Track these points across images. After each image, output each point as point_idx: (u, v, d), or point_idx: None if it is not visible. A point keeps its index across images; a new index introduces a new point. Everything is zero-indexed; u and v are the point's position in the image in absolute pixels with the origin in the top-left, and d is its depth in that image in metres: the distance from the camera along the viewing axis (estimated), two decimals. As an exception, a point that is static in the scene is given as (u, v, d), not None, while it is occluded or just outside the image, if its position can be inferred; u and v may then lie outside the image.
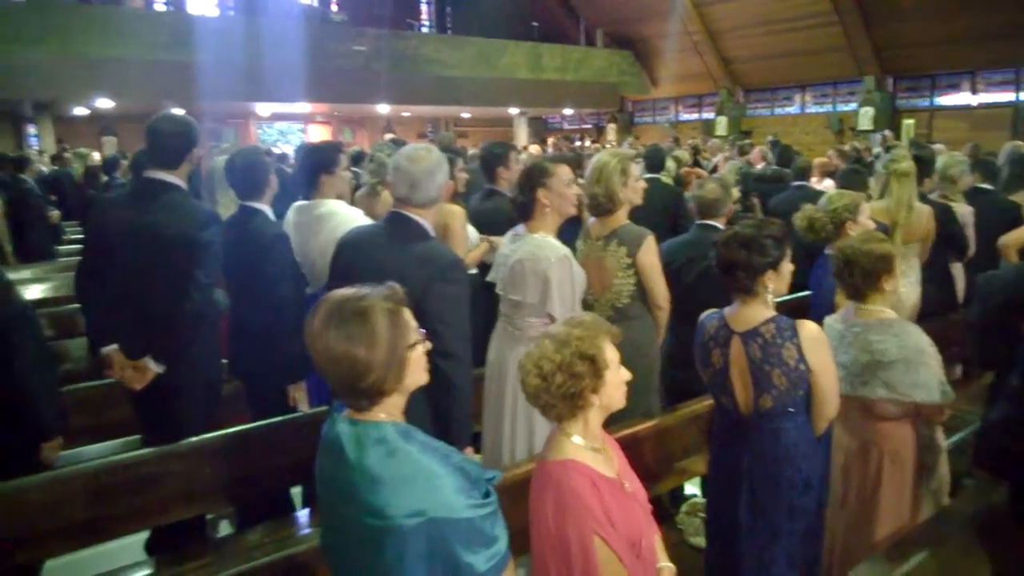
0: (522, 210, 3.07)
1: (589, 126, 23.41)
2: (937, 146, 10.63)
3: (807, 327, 2.44)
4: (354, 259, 2.67)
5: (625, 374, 1.96)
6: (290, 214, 3.93)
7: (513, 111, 20.08)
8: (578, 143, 19.27)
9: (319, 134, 20.79)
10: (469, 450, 2.65)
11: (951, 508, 2.81)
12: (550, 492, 1.87)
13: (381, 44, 16.79)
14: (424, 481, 1.53)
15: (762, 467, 2.53)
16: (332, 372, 1.59)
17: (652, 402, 3.57)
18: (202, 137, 3.30)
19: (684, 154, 11.61)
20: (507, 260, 3.12)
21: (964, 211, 4.99)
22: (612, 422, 3.54)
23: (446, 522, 1.50)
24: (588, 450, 1.93)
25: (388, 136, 12.41)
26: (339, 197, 3.88)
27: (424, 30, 22.03)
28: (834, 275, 2.88)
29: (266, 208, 3.46)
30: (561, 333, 1.90)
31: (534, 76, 19.14)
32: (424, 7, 22.96)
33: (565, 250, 3.01)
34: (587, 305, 3.37)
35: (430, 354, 1.72)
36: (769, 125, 18.60)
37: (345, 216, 3.64)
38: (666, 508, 3.58)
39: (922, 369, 2.70)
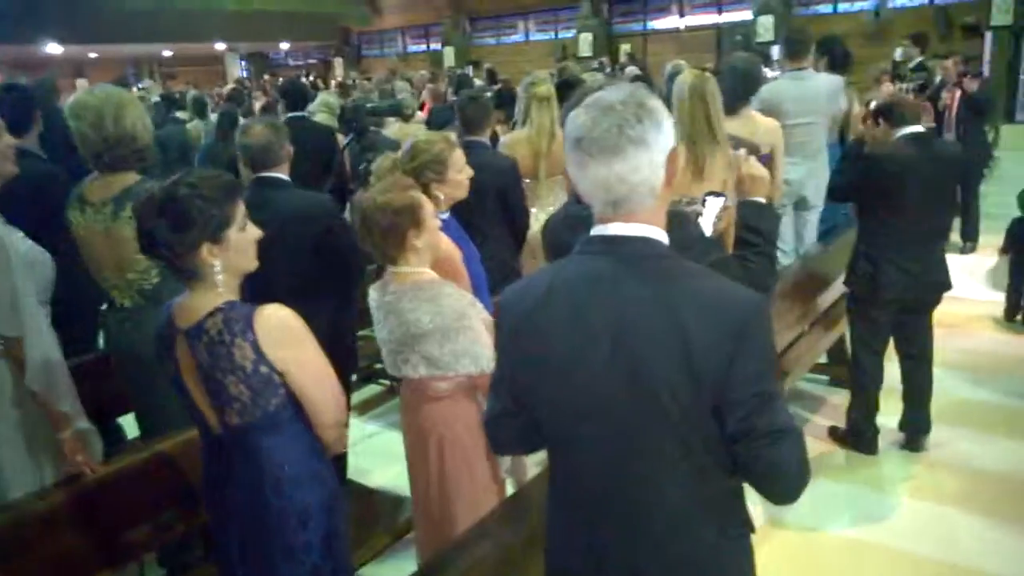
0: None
1: (315, 61, 21.83)
2: (630, 68, 10.82)
3: (265, 316, 1.78)
4: None
5: None
6: None
7: (220, 47, 18.10)
8: (304, 80, 17.85)
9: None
10: None
11: (521, 492, 2.39)
12: None
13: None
14: None
15: (246, 499, 1.91)
16: None
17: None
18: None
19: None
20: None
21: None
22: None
23: None
24: None
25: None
26: None
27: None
28: (359, 240, 2.29)
29: None
30: None
31: (240, 7, 17.23)
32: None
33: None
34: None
35: None
36: (497, 55, 18.29)
37: None
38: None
39: (462, 336, 2.21)
